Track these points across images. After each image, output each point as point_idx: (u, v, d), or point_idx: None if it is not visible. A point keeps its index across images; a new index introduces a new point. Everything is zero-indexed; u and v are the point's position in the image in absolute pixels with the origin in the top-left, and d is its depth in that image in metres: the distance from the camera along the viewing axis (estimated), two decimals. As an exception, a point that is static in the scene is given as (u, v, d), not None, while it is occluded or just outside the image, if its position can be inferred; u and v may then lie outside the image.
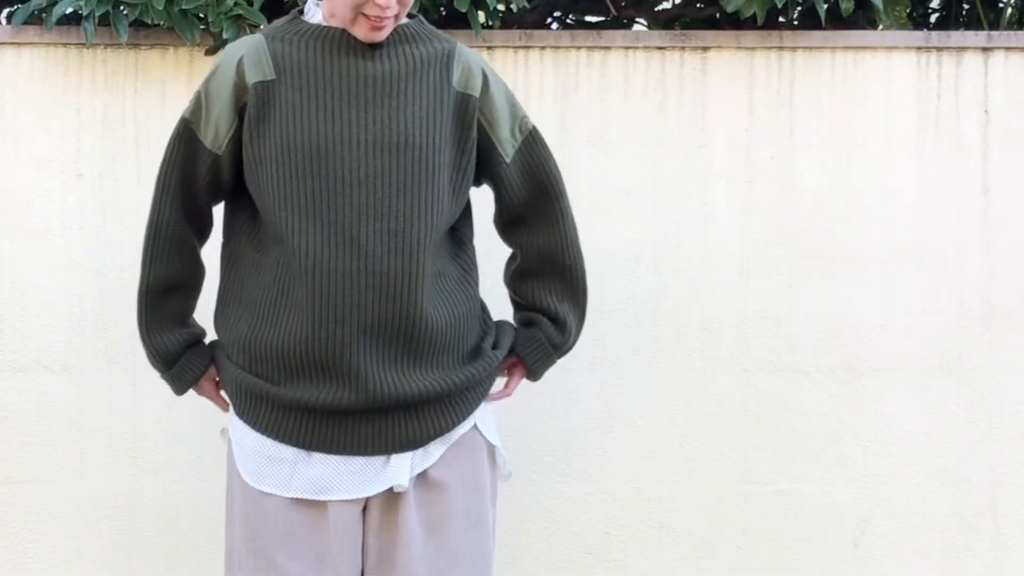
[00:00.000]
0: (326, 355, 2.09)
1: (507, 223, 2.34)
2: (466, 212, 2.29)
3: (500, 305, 2.42)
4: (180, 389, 2.29)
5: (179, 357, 2.25)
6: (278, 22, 2.21)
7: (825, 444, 3.19)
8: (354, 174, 2.08)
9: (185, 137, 2.18)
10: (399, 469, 2.14)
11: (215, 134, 2.15)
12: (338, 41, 2.11)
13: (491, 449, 2.27)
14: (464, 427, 2.21)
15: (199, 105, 2.16)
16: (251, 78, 2.11)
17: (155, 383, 2.35)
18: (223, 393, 2.28)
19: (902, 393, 3.20)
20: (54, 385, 3.11)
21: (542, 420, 3.16)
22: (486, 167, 2.26)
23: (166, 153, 2.21)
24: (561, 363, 2.40)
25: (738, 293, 3.18)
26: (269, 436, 2.13)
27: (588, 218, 2.96)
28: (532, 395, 2.41)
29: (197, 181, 2.20)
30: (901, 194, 3.20)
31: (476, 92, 2.18)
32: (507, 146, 2.24)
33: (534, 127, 2.29)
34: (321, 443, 2.12)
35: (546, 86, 3.16)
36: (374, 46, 2.11)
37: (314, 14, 2.18)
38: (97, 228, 3.11)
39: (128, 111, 3.11)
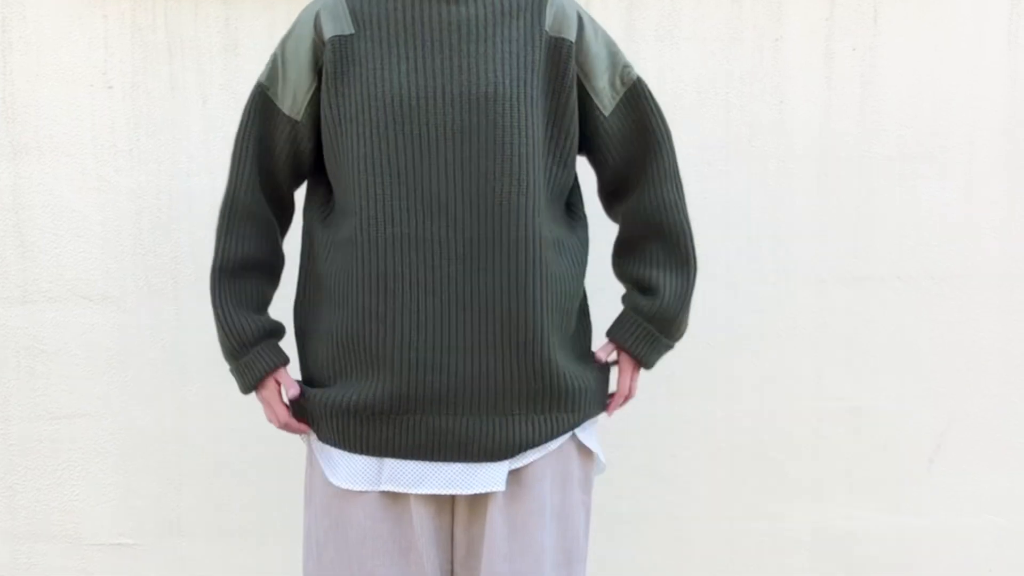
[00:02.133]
0: (409, 338, 1.93)
1: (611, 191, 2.14)
2: (574, 184, 2.10)
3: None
4: (248, 384, 2.09)
5: (254, 345, 2.07)
6: None
7: (903, 357, 3.04)
8: (440, 129, 1.91)
9: (261, 104, 2.02)
10: (494, 473, 1.99)
11: (293, 98, 2.00)
12: None
13: (586, 448, 2.13)
14: (567, 436, 2.07)
15: (275, 68, 2.01)
16: (328, 32, 1.96)
17: (201, 312, 2.17)
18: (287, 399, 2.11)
19: (986, 300, 3.04)
20: (93, 316, 2.95)
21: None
22: (583, 122, 2.06)
23: (241, 122, 2.05)
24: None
25: (815, 197, 2.99)
26: (348, 451, 2.02)
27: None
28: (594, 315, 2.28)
29: (275, 153, 2.03)
30: (992, 89, 2.98)
31: (571, 36, 1.99)
32: (605, 97, 2.05)
33: (639, 77, 2.08)
34: (408, 448, 1.99)
35: (611, -22, 2.91)
36: None
37: None
38: (131, 145, 2.90)
39: (159, 16, 2.86)
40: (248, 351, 2.06)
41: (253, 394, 2.09)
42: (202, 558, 3.04)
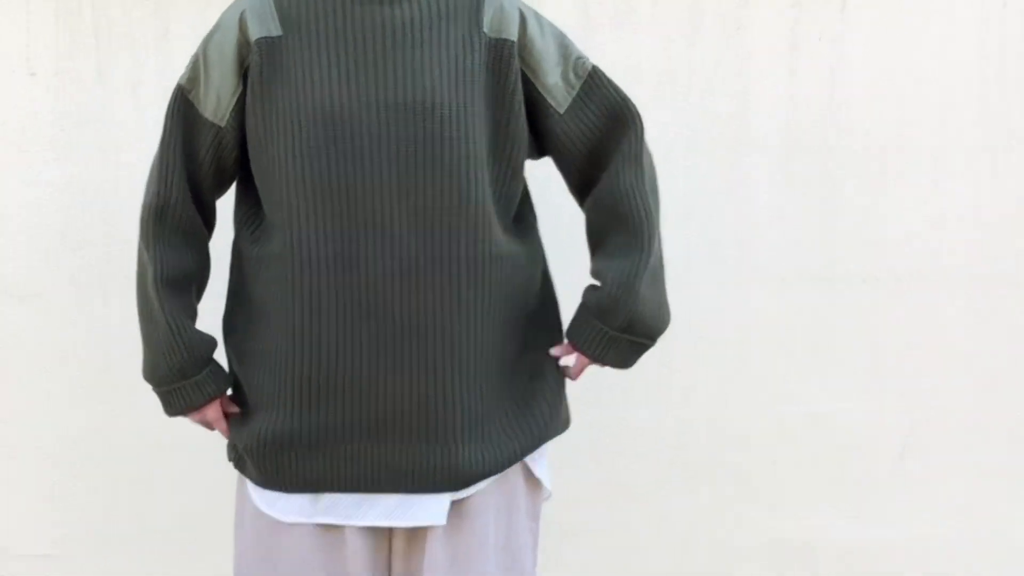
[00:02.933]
0: (346, 363, 1.84)
1: (581, 187, 2.02)
2: (524, 190, 2.00)
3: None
4: (194, 404, 1.98)
5: (207, 364, 1.96)
6: None
7: (866, 359, 2.95)
8: (375, 142, 1.81)
9: (182, 108, 1.91)
10: (435, 506, 1.89)
11: (216, 102, 1.89)
12: None
13: (532, 476, 2.03)
14: (516, 464, 1.97)
15: (197, 69, 1.90)
16: (255, 33, 1.85)
17: (130, 308, 2.02)
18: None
19: (953, 301, 2.94)
20: (17, 314, 2.85)
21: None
22: (536, 122, 1.95)
23: (164, 125, 1.94)
24: (569, 274, 2.11)
25: (777, 194, 2.89)
26: (282, 491, 1.93)
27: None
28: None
29: (199, 160, 1.92)
30: (963, 81, 2.88)
31: (512, 35, 1.89)
32: (558, 94, 1.94)
33: (595, 66, 1.97)
34: (346, 480, 1.89)
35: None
36: None
37: None
38: (57, 135, 2.79)
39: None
40: (201, 370, 1.94)
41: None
42: (133, 572, 2.95)
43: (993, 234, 2.93)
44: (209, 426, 2.00)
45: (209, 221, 2.01)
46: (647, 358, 2.75)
